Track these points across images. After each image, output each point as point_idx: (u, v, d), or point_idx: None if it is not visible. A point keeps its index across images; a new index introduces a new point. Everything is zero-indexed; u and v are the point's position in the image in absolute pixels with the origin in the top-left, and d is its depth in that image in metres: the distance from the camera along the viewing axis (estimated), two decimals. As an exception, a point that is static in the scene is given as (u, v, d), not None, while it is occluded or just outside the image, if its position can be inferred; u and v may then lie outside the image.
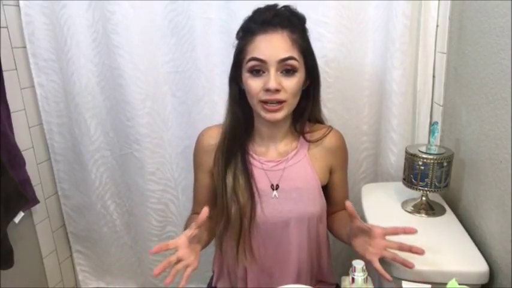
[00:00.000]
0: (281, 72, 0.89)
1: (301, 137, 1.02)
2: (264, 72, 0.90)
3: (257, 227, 0.99)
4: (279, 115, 0.91)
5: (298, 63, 0.90)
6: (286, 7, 0.93)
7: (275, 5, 0.93)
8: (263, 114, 0.92)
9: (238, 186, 0.97)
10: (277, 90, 0.88)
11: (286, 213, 0.98)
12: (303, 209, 0.98)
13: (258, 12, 0.92)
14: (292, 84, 0.90)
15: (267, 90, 0.88)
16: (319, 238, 1.05)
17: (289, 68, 0.89)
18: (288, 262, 1.02)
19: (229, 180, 0.97)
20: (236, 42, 0.96)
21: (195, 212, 1.12)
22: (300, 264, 1.03)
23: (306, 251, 1.03)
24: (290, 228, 0.99)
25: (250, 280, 1.04)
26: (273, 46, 0.89)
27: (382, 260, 0.85)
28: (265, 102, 0.90)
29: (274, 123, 0.96)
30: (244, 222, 0.98)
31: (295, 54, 0.90)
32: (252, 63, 0.89)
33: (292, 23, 0.91)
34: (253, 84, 0.90)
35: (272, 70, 0.88)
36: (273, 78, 0.88)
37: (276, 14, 0.90)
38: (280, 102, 0.90)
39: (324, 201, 1.03)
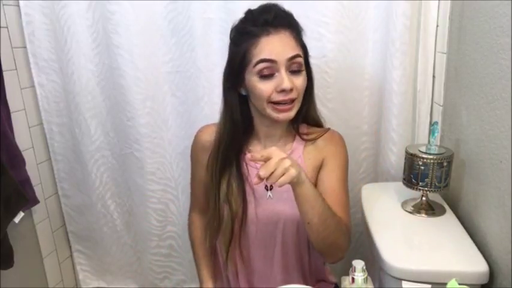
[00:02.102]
0: (289, 71, 0.90)
1: (297, 137, 1.01)
2: (273, 74, 0.89)
3: (248, 227, 1.00)
4: (292, 113, 0.92)
5: (303, 60, 0.91)
6: (277, 6, 0.91)
7: (270, 6, 0.91)
8: (275, 115, 0.91)
9: (232, 193, 0.97)
10: (291, 90, 0.89)
11: (278, 213, 0.98)
12: (293, 210, 0.97)
13: (254, 14, 0.91)
14: (300, 82, 0.91)
15: (282, 91, 0.88)
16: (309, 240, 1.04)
17: (296, 66, 0.90)
18: (276, 262, 1.02)
19: (223, 186, 0.97)
20: (232, 46, 0.94)
21: (194, 208, 1.14)
22: (288, 264, 1.03)
23: (293, 252, 1.02)
24: (279, 229, 0.99)
25: (242, 279, 1.05)
26: (279, 45, 0.88)
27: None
28: (277, 103, 0.90)
29: (274, 123, 0.96)
30: (235, 226, 0.98)
31: (300, 52, 0.91)
32: (262, 65, 0.88)
33: (291, 23, 0.92)
34: (264, 88, 0.89)
35: (282, 70, 0.88)
36: (287, 78, 0.88)
37: (276, 15, 0.89)
38: (292, 100, 0.90)
39: None
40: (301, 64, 0.91)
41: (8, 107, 1.26)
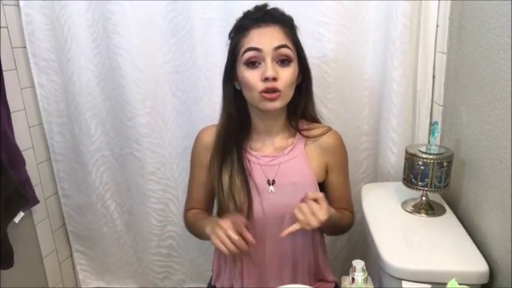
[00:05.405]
0: (276, 62, 0.92)
1: (297, 134, 1.03)
2: (260, 63, 0.92)
3: (255, 222, 1.00)
4: (277, 104, 0.93)
5: (292, 52, 0.93)
6: (275, 8, 0.97)
7: (265, 5, 0.97)
8: (262, 104, 0.93)
9: (234, 187, 0.98)
10: (274, 79, 0.90)
11: (282, 208, 0.99)
12: None
13: (249, 12, 0.96)
14: (287, 74, 0.92)
15: (265, 79, 0.90)
16: (314, 235, 1.05)
17: (284, 57, 0.92)
18: (284, 258, 1.03)
19: (225, 180, 0.99)
20: (229, 42, 0.99)
21: (191, 207, 1.13)
22: (295, 261, 1.04)
23: (300, 247, 1.03)
24: (285, 223, 0.99)
25: (247, 276, 1.05)
26: (267, 36, 0.92)
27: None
28: (264, 91, 0.92)
29: (270, 117, 0.98)
30: None
31: (289, 44, 0.93)
32: (248, 53, 0.92)
33: (283, 20, 0.96)
34: (251, 76, 0.92)
35: (268, 59, 0.91)
36: (270, 67, 0.90)
37: (267, 12, 0.95)
38: (276, 91, 0.92)
39: None
40: (289, 55, 0.93)
41: (8, 107, 1.27)
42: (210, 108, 1.32)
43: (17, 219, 1.28)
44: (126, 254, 1.63)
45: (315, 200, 0.88)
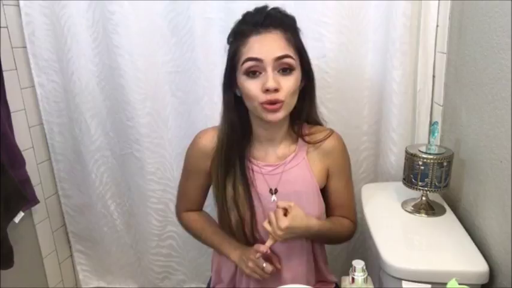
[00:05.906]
0: (278, 71, 0.88)
1: (299, 140, 1.01)
2: (260, 73, 0.88)
3: (259, 232, 1.00)
4: (280, 115, 0.89)
5: (294, 61, 0.89)
6: (276, 8, 0.92)
7: (265, 7, 0.92)
8: (264, 115, 0.90)
9: (238, 197, 0.97)
10: (276, 90, 0.86)
11: None
12: None
13: (248, 15, 0.91)
14: (290, 83, 0.88)
15: (266, 91, 0.87)
16: (315, 241, 1.05)
17: (286, 66, 0.88)
18: (287, 265, 1.02)
19: (229, 190, 0.97)
20: (228, 47, 0.95)
21: (187, 209, 1.13)
22: (299, 267, 1.03)
23: (304, 254, 1.03)
24: None
25: (247, 277, 1.03)
26: (267, 45, 0.87)
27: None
28: (266, 103, 0.88)
29: (272, 125, 0.95)
30: (246, 230, 0.98)
31: (291, 53, 0.88)
32: (248, 64, 0.87)
33: (284, 23, 0.91)
34: (251, 87, 0.88)
35: (269, 69, 0.86)
36: (271, 78, 0.86)
37: (267, 15, 0.89)
38: (278, 102, 0.88)
39: (323, 204, 1.03)
40: (291, 64, 0.88)
41: (8, 107, 1.27)
42: (210, 108, 1.32)
43: (17, 219, 1.28)
44: (126, 254, 1.63)
45: (285, 209, 0.88)
